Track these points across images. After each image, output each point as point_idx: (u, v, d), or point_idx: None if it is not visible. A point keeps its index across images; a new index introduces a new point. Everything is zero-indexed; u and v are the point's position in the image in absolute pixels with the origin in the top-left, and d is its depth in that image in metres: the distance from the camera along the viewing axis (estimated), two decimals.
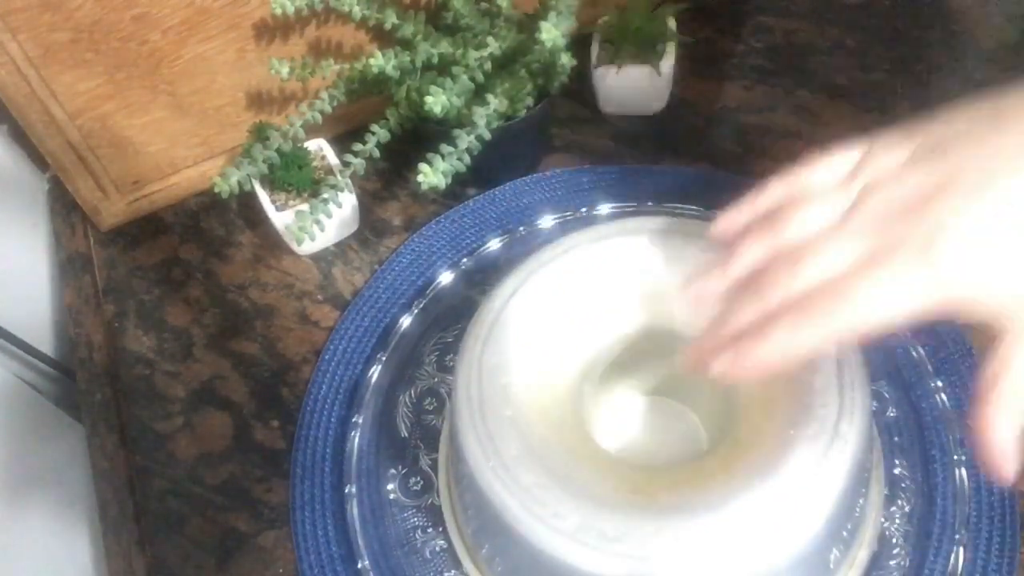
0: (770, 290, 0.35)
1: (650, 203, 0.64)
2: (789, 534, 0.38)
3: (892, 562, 0.47)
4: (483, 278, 0.62)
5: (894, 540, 0.48)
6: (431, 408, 0.56)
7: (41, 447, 0.63)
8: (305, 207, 0.61)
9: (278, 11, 0.60)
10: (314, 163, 0.65)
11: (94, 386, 0.62)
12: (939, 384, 0.53)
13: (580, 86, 0.71)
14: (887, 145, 0.35)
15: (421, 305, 0.61)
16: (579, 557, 0.39)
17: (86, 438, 0.60)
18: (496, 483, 0.41)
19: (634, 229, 0.49)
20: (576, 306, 0.47)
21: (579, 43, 0.65)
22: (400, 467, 0.54)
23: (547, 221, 0.65)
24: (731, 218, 0.39)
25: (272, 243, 0.67)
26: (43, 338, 0.70)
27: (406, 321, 0.60)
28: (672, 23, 0.68)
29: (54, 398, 0.68)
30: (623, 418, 0.53)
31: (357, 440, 0.55)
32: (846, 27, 0.76)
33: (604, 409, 0.53)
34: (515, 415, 0.43)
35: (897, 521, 0.48)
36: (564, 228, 0.64)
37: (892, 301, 0.32)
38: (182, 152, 0.69)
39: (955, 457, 0.50)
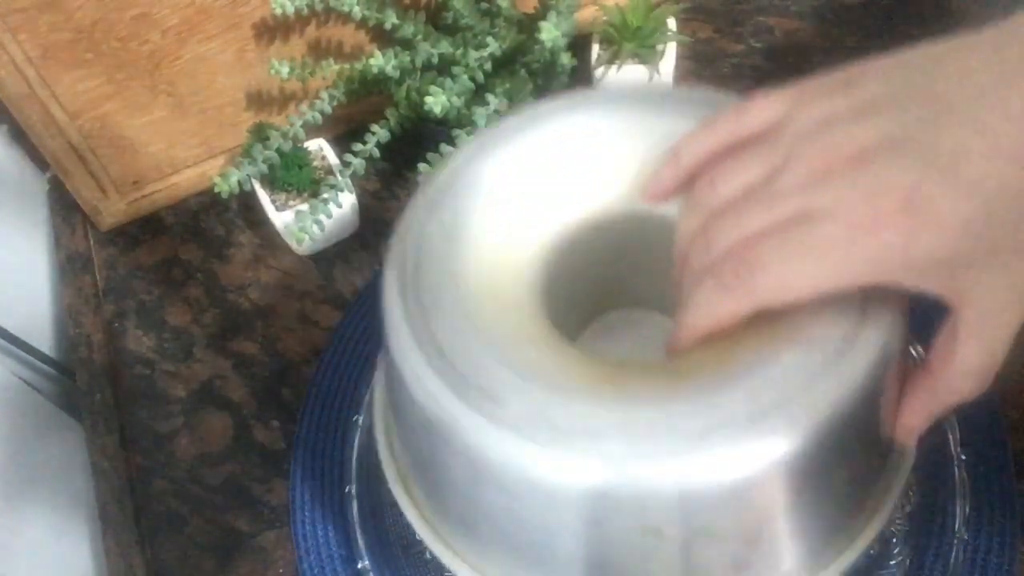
0: (694, 260, 0.32)
1: None
2: (786, 436, 0.30)
3: (892, 562, 0.47)
4: None
5: (894, 540, 0.48)
6: None
7: (41, 447, 0.63)
8: (305, 207, 0.61)
9: (278, 11, 0.60)
10: (314, 163, 0.65)
11: (94, 386, 0.62)
12: None
13: (580, 86, 0.71)
14: (819, 93, 0.32)
15: None
16: (523, 455, 0.30)
17: (86, 438, 0.60)
18: (424, 367, 0.33)
19: (619, 97, 0.41)
20: (545, 179, 0.39)
21: (579, 43, 0.65)
22: None
23: None
24: (661, 182, 0.35)
25: (272, 243, 0.67)
26: (43, 338, 0.70)
27: None
28: (672, 23, 0.68)
29: (54, 398, 0.68)
30: (598, 328, 0.45)
31: (357, 440, 0.55)
32: (846, 27, 0.76)
33: (576, 317, 0.44)
34: (458, 291, 0.35)
35: (897, 521, 0.48)
36: None
37: (815, 275, 0.29)
38: (182, 152, 0.69)
39: (955, 457, 0.50)
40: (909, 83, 0.30)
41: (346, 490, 0.53)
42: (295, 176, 0.63)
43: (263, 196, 0.64)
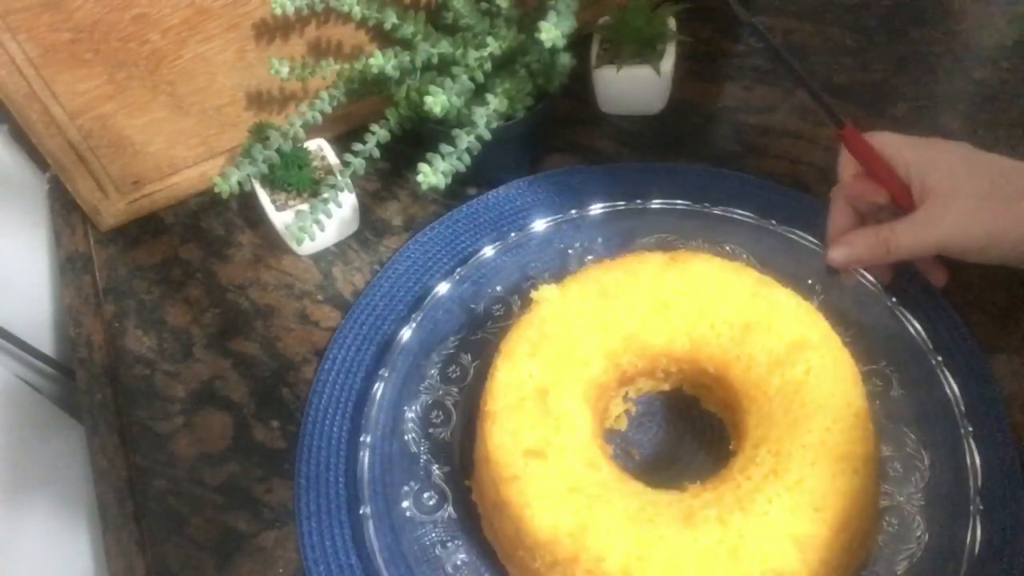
0: None
1: (650, 203, 0.64)
2: None
3: (913, 536, 0.47)
4: (482, 281, 0.62)
5: (914, 515, 0.48)
6: (438, 421, 0.55)
7: (41, 447, 0.63)
8: (305, 207, 0.61)
9: (278, 11, 0.60)
10: (314, 163, 0.65)
11: (94, 386, 0.62)
12: (939, 359, 0.53)
13: (580, 86, 0.71)
14: None
15: (419, 319, 0.59)
16: None
17: (86, 438, 0.60)
18: None
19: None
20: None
21: (579, 43, 0.65)
22: (413, 483, 0.53)
23: (547, 221, 0.64)
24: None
25: (272, 243, 0.67)
26: (43, 338, 0.70)
27: (405, 334, 0.59)
28: (672, 23, 0.68)
29: (54, 398, 0.68)
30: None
31: (367, 460, 0.54)
32: (846, 27, 0.76)
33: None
34: None
35: (914, 497, 0.49)
36: (564, 229, 0.64)
37: None
38: (182, 152, 0.69)
39: (962, 430, 0.50)
40: None
41: (361, 511, 0.52)
42: (295, 176, 0.63)
43: (263, 196, 0.64)
